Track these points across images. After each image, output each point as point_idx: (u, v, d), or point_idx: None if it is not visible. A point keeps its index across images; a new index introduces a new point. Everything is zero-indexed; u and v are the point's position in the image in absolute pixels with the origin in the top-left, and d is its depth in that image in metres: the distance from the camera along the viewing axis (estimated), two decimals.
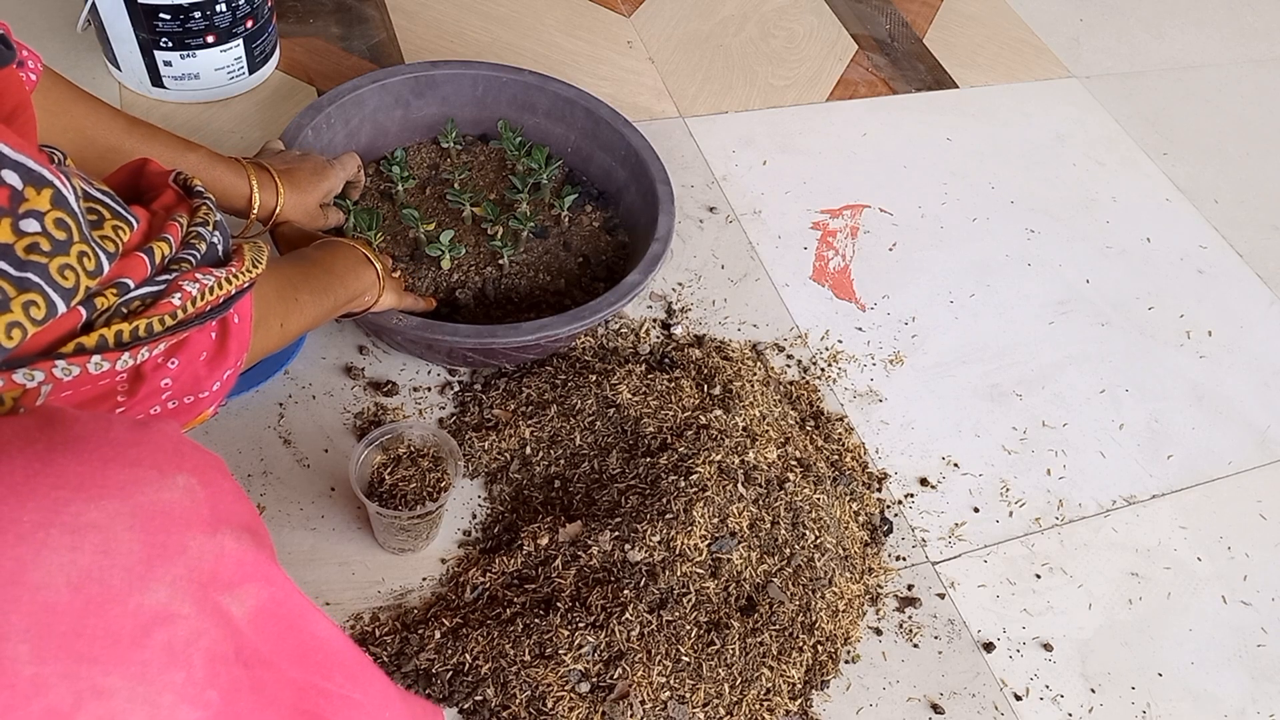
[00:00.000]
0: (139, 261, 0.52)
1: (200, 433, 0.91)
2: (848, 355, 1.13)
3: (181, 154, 0.81)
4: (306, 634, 0.52)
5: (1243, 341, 1.25)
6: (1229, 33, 1.76)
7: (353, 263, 0.83)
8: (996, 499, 1.04)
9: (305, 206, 0.91)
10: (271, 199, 0.87)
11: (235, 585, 0.45)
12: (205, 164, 0.83)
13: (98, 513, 0.40)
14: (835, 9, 1.59)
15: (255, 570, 0.46)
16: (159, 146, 0.79)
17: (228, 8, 1.12)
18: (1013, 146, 1.43)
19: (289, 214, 0.89)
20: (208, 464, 0.48)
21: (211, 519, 0.44)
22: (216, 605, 0.44)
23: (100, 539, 0.40)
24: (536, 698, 0.79)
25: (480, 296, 1.01)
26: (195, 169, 0.81)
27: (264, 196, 0.87)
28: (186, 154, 0.82)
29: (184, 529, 0.43)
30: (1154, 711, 0.92)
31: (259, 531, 0.50)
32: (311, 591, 0.84)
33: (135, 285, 0.51)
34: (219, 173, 0.84)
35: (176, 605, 0.42)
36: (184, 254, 0.56)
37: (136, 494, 0.42)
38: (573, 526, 0.87)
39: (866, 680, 0.88)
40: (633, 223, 1.08)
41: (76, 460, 0.41)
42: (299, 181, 0.91)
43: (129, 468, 0.43)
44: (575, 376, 0.99)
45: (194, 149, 0.82)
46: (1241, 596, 1.01)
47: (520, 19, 1.42)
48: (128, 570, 0.40)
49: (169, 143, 0.81)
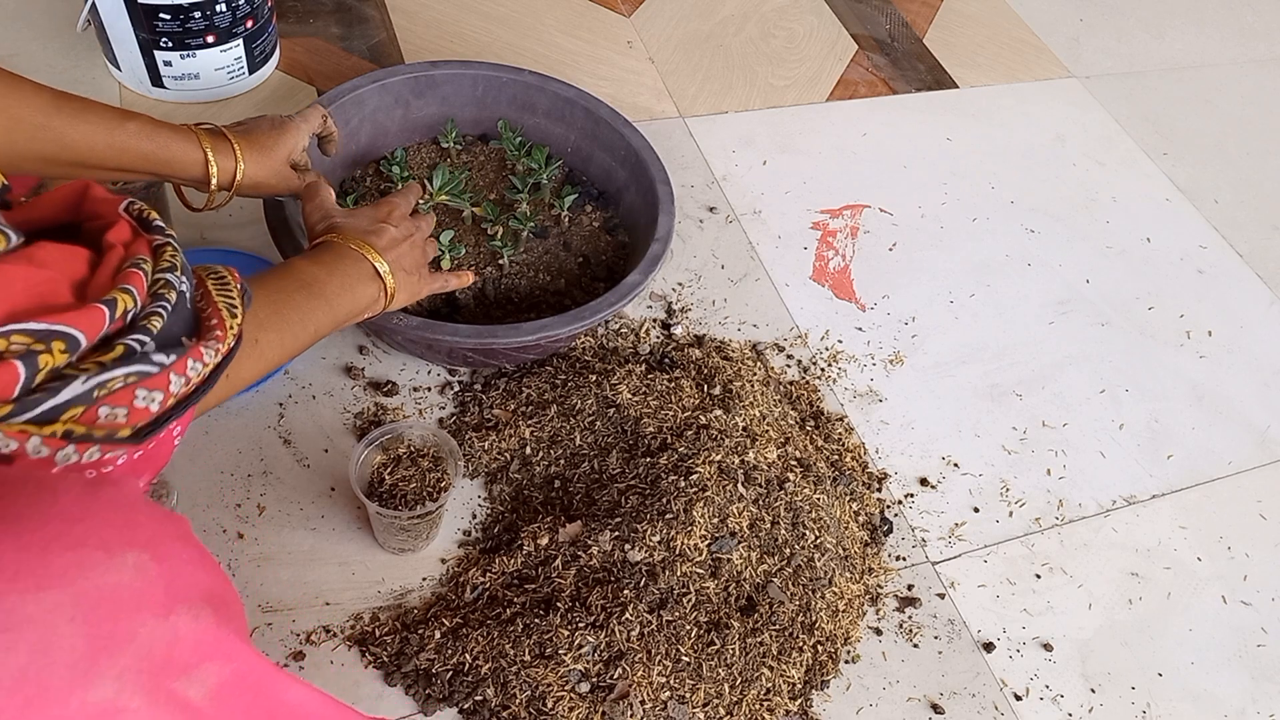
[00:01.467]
0: (96, 314, 0.44)
1: (200, 433, 0.92)
2: (848, 355, 1.13)
3: (119, 124, 0.73)
4: (276, 702, 0.49)
5: (1243, 341, 1.25)
6: (1229, 33, 1.76)
7: (353, 278, 0.75)
8: (996, 499, 1.04)
9: (271, 166, 0.85)
10: (230, 163, 0.81)
11: (192, 667, 0.43)
12: (146, 133, 0.75)
13: (35, 606, 0.37)
14: (835, 9, 1.59)
15: (215, 648, 0.44)
16: (92, 120, 0.72)
17: (228, 8, 1.12)
18: (1013, 146, 1.43)
19: (254, 175, 0.83)
20: (165, 532, 0.44)
21: (165, 599, 0.42)
22: (170, 693, 0.41)
23: (38, 635, 0.37)
24: (536, 698, 0.79)
25: (480, 296, 1.01)
26: (135, 140, 0.74)
27: (220, 161, 0.80)
28: (124, 123, 0.73)
29: (133, 614, 0.40)
30: (1154, 711, 0.92)
31: (224, 599, 0.46)
32: (311, 591, 0.84)
33: (87, 341, 0.44)
34: (164, 140, 0.76)
35: (125, 699, 0.39)
36: (153, 308, 0.48)
37: (80, 580, 0.39)
38: (573, 526, 0.87)
39: (866, 680, 0.88)
40: (633, 223, 1.08)
41: (14, 546, 0.38)
42: (257, 140, 0.84)
43: (72, 550, 0.40)
44: (575, 376, 0.99)
45: (132, 117, 0.74)
46: (1241, 596, 1.01)
47: (520, 19, 1.42)
48: (70, 667, 0.38)
49: (103, 115, 0.72)
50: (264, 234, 0.96)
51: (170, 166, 0.78)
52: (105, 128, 0.72)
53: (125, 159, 0.74)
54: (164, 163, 0.77)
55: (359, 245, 0.77)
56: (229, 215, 1.08)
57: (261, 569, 0.85)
